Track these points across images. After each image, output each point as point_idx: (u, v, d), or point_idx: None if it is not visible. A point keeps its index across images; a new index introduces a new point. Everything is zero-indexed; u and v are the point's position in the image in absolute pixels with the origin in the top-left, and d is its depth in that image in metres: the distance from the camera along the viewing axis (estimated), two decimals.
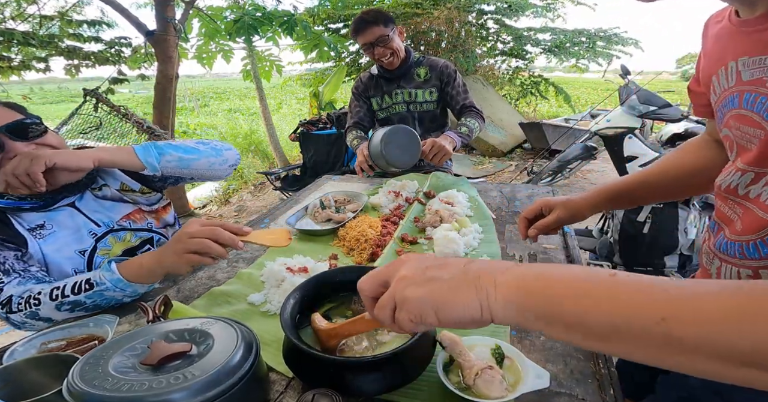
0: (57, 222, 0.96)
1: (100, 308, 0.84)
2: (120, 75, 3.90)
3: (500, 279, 0.39)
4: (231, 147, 1.22)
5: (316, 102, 5.67)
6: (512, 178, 4.48)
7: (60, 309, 0.81)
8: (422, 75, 1.97)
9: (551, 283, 0.38)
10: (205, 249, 0.77)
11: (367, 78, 2.06)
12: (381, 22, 1.80)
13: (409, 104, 1.99)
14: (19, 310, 0.81)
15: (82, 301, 0.81)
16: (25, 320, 0.83)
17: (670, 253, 1.71)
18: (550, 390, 0.59)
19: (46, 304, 0.81)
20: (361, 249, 1.05)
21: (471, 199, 1.33)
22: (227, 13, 4.17)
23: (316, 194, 1.52)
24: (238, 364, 0.52)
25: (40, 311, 0.81)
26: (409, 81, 1.97)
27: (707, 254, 0.67)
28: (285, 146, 6.21)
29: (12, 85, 6.00)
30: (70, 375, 0.50)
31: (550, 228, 0.89)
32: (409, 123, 2.00)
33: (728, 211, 0.62)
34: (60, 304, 0.81)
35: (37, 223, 0.93)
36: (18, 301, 0.82)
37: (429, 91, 1.97)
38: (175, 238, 0.79)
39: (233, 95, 18.84)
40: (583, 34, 7.20)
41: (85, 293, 0.81)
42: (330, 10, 6.38)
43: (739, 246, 0.58)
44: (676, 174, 0.82)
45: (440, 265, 0.43)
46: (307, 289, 0.71)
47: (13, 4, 3.91)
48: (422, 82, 1.97)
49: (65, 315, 0.83)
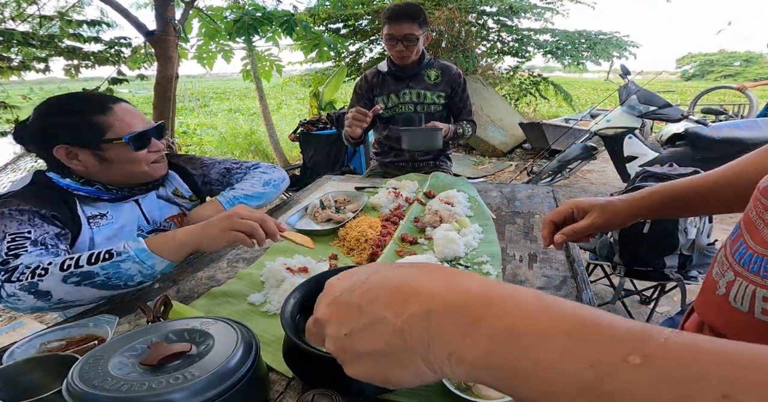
0: (119, 213, 1.06)
1: (107, 287, 0.82)
2: (119, 75, 3.89)
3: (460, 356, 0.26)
4: (285, 177, 1.42)
5: (316, 102, 5.66)
6: (512, 178, 4.48)
7: (67, 281, 0.79)
8: (432, 77, 1.98)
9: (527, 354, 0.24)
10: (252, 231, 0.84)
11: (374, 75, 2.03)
12: (417, 22, 1.79)
13: (417, 105, 2.00)
14: (18, 280, 0.78)
15: (94, 272, 0.80)
16: (15, 292, 0.78)
17: (670, 253, 1.70)
18: None
19: (53, 275, 0.78)
20: (361, 249, 1.05)
21: (471, 199, 1.33)
22: (227, 13, 4.17)
23: (316, 194, 1.52)
24: (238, 364, 0.52)
25: (42, 282, 0.78)
26: (419, 82, 1.97)
27: (721, 264, 0.56)
28: (285, 146, 6.21)
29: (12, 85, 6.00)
30: (69, 375, 0.50)
31: (582, 234, 0.74)
32: (414, 123, 2.02)
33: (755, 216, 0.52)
34: (69, 274, 0.79)
35: (101, 211, 1.03)
36: (22, 271, 0.79)
37: (438, 94, 1.99)
38: (224, 216, 0.85)
39: (233, 95, 18.84)
40: (583, 36, 7.20)
41: (102, 263, 0.80)
42: (330, 9, 6.38)
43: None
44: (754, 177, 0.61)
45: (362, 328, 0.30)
46: (307, 289, 0.71)
47: (13, 4, 3.91)
48: (432, 84, 1.98)
49: (68, 289, 0.79)
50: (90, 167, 0.99)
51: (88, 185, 1.01)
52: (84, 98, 1.02)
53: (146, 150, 1.03)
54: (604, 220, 0.74)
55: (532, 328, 0.25)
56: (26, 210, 0.89)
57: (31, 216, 0.89)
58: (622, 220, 0.74)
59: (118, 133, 0.98)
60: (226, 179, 1.35)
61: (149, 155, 1.04)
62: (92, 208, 1.02)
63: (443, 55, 6.35)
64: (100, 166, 0.99)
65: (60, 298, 0.80)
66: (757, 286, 0.48)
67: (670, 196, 0.72)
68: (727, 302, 0.52)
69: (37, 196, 0.93)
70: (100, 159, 0.99)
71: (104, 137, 0.97)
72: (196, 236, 0.85)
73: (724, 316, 0.54)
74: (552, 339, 0.24)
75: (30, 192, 0.94)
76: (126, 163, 1.01)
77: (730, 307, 0.52)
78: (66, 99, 1.02)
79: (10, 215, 0.87)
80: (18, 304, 0.79)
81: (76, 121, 0.96)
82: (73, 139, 0.96)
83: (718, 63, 25.68)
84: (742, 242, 0.53)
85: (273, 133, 6.01)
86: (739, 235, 0.54)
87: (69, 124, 0.96)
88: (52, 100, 1.00)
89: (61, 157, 0.97)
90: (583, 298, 0.82)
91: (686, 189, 0.71)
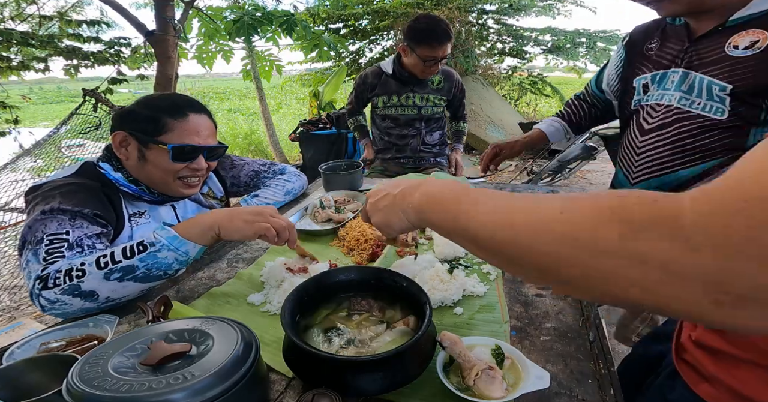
0: (155, 214, 1.10)
1: (149, 279, 0.82)
2: (119, 75, 3.89)
3: (410, 200, 0.54)
4: (304, 184, 1.52)
5: (315, 102, 5.66)
6: (512, 178, 4.48)
7: (109, 278, 0.78)
8: (435, 82, 2.05)
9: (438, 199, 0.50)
10: (280, 230, 0.87)
11: (374, 75, 2.08)
12: (451, 41, 1.82)
13: (420, 108, 2.06)
14: (56, 285, 0.77)
15: (134, 265, 0.79)
16: (58, 297, 0.77)
17: None
18: (550, 390, 0.59)
19: (92, 275, 0.77)
20: (361, 249, 1.05)
21: None
22: (227, 13, 4.16)
23: (316, 194, 1.52)
24: (238, 364, 0.52)
25: (84, 283, 0.77)
26: (423, 87, 2.03)
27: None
28: (285, 146, 6.21)
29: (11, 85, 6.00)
30: (69, 375, 0.50)
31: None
32: (416, 124, 2.10)
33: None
34: (110, 271, 0.78)
35: (140, 210, 1.07)
36: (56, 276, 0.77)
37: (440, 98, 2.06)
38: (256, 211, 0.88)
39: (233, 95, 18.82)
40: (584, 35, 7.20)
41: (139, 256, 0.80)
42: (330, 9, 6.37)
43: None
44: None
45: (384, 196, 0.60)
46: (307, 289, 0.71)
47: (12, 4, 3.90)
48: (434, 89, 2.05)
49: (113, 286, 0.79)
50: (130, 160, 1.02)
51: (134, 184, 1.04)
52: (173, 99, 1.06)
53: (185, 164, 1.03)
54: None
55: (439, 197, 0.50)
56: (68, 209, 0.88)
57: (72, 215, 0.89)
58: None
59: (168, 139, 1.00)
60: (253, 182, 1.40)
61: (183, 170, 1.04)
62: (133, 206, 1.06)
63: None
64: (138, 162, 1.02)
65: (107, 297, 0.80)
66: None
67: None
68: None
69: (80, 191, 0.93)
70: (141, 155, 1.01)
71: (156, 137, 0.99)
72: (222, 221, 0.85)
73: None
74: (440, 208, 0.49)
75: (75, 185, 0.94)
76: (159, 168, 1.02)
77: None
78: (163, 96, 1.10)
79: (51, 214, 0.87)
80: (66, 308, 0.79)
81: (150, 114, 1.00)
82: (134, 129, 0.99)
83: None
84: None
85: (273, 133, 6.01)
86: None
87: (143, 115, 1.00)
88: (156, 94, 1.09)
89: (115, 141, 1.00)
90: (582, 299, 0.83)
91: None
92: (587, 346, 0.69)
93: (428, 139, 2.17)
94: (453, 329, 0.73)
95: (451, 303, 0.82)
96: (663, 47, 1.11)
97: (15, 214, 2.92)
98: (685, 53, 1.04)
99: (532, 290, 0.87)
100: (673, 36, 1.09)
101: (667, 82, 1.07)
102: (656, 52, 1.13)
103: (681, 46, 1.05)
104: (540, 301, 0.83)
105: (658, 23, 1.14)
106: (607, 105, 1.41)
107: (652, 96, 1.12)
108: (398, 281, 0.71)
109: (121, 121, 1.01)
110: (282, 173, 1.45)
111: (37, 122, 12.94)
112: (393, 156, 2.19)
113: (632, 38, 1.22)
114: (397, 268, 0.89)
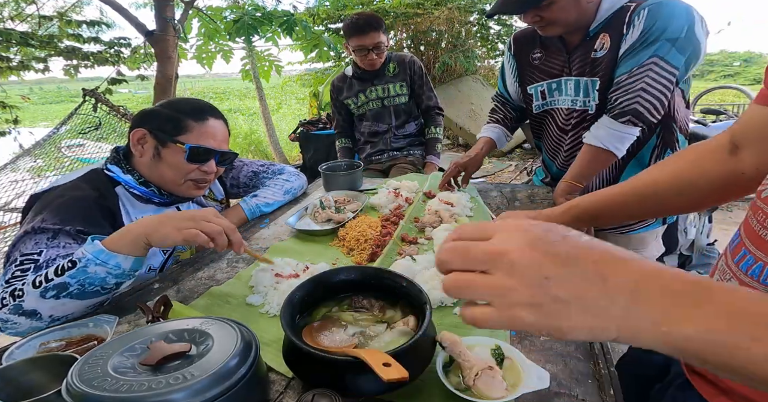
0: None
1: (87, 295, 0.79)
2: (119, 75, 3.90)
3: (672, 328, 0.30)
4: (304, 184, 1.51)
5: (315, 102, 5.66)
6: (512, 178, 4.49)
7: (45, 296, 0.77)
8: (392, 70, 2.10)
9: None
10: (215, 235, 0.81)
11: (340, 80, 2.19)
12: (381, 29, 1.93)
13: (383, 100, 2.12)
14: (4, 306, 0.78)
15: (66, 282, 0.77)
16: (8, 317, 0.77)
17: (670, 253, 1.70)
18: (550, 390, 0.59)
19: (30, 294, 0.77)
20: (361, 249, 1.05)
21: (472, 200, 1.33)
22: (227, 13, 4.17)
23: (316, 194, 1.52)
24: (238, 364, 0.52)
25: (24, 303, 0.77)
26: (381, 78, 2.09)
27: (722, 272, 0.55)
28: (285, 146, 6.21)
29: (11, 85, 6.00)
30: (69, 375, 0.50)
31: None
32: (385, 118, 2.16)
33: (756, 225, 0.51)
34: (44, 290, 0.77)
35: (144, 215, 1.05)
36: (3, 296, 0.78)
37: (399, 85, 2.11)
38: (188, 216, 0.82)
39: (233, 95, 18.83)
40: None
41: (69, 273, 0.77)
42: (330, 9, 6.37)
43: None
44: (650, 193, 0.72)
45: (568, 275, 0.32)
46: (307, 289, 0.71)
47: (12, 4, 3.91)
48: (392, 76, 2.10)
49: (51, 304, 0.77)
50: (144, 157, 1.05)
51: (144, 186, 1.06)
52: (195, 103, 1.10)
53: (198, 166, 1.06)
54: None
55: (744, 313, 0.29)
56: (49, 228, 0.88)
57: (54, 234, 0.88)
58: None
59: (186, 139, 1.04)
60: (253, 182, 1.41)
61: (195, 172, 1.07)
62: (138, 212, 1.06)
63: (443, 55, 6.35)
64: (151, 160, 1.05)
65: (50, 315, 0.79)
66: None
67: (584, 210, 0.80)
68: None
69: (72, 204, 0.93)
70: (155, 153, 1.04)
71: (175, 137, 1.03)
72: (147, 230, 0.80)
73: None
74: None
75: (69, 198, 0.94)
76: (171, 168, 1.05)
77: None
78: (187, 99, 1.13)
79: (33, 233, 0.88)
80: (16, 327, 0.79)
81: (173, 115, 1.04)
82: (155, 127, 1.03)
83: (718, 63, 25.68)
84: (745, 251, 0.51)
85: (273, 133, 6.01)
86: (740, 244, 0.53)
87: (166, 115, 1.04)
88: (180, 98, 1.13)
89: (134, 138, 1.03)
90: None
91: (599, 202, 0.79)
92: (587, 346, 0.69)
93: (400, 132, 2.20)
94: (453, 329, 0.73)
95: (451, 303, 0.82)
96: (548, 58, 1.33)
97: (15, 214, 2.92)
98: (568, 62, 1.27)
99: None
100: (552, 47, 1.31)
101: (567, 89, 1.29)
102: (543, 62, 1.34)
103: (563, 56, 1.28)
104: None
105: (534, 32, 1.31)
106: (520, 106, 1.53)
107: (556, 101, 1.34)
108: (398, 281, 0.71)
109: (143, 119, 1.05)
110: (281, 173, 1.46)
111: (37, 122, 12.94)
112: (368, 153, 2.24)
113: (517, 47, 1.41)
114: (397, 268, 0.89)
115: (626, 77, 1.12)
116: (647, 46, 1.09)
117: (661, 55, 1.08)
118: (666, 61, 1.08)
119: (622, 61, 1.14)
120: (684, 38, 1.06)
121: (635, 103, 1.11)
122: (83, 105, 3.12)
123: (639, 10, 1.11)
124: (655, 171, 0.74)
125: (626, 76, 1.12)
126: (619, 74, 1.14)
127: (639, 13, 1.11)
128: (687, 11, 1.07)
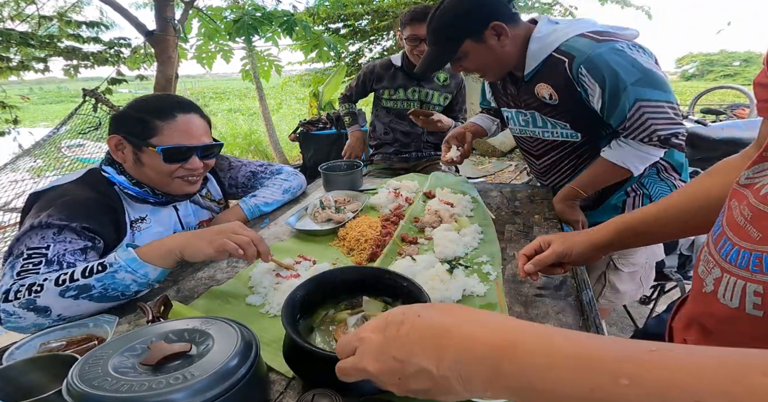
0: (157, 218, 1.10)
1: (105, 299, 0.81)
2: (119, 75, 3.90)
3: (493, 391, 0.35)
4: (302, 183, 1.51)
5: (315, 102, 5.66)
6: (512, 178, 4.49)
7: (64, 295, 0.78)
8: (441, 79, 2.10)
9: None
10: (245, 246, 0.85)
11: (383, 67, 2.13)
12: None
13: (422, 103, 2.11)
14: (16, 299, 0.78)
15: (91, 285, 0.79)
16: (15, 310, 0.77)
17: (669, 253, 1.70)
18: None
19: (49, 291, 0.77)
20: (361, 249, 1.05)
21: (472, 200, 1.33)
22: (227, 13, 4.16)
23: (316, 194, 1.52)
24: (238, 364, 0.52)
25: (39, 299, 0.77)
26: (429, 82, 2.08)
27: (706, 262, 0.57)
28: (285, 146, 6.21)
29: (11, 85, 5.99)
30: (69, 375, 0.50)
31: (546, 262, 0.81)
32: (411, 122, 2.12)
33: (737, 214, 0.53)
34: (65, 289, 0.78)
35: (142, 215, 1.07)
36: (18, 290, 0.78)
37: (444, 97, 2.11)
38: (217, 230, 0.86)
39: (233, 95, 18.82)
40: None
41: (97, 276, 0.79)
42: (330, 9, 6.37)
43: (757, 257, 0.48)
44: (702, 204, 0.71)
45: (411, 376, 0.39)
46: (308, 288, 0.71)
47: (12, 4, 3.90)
48: (440, 86, 2.09)
49: (67, 303, 0.78)
50: (128, 162, 1.03)
51: (138, 186, 1.05)
52: (161, 101, 1.06)
53: (179, 165, 1.03)
54: (564, 248, 0.81)
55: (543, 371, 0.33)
56: (55, 223, 0.88)
57: (59, 229, 0.89)
58: (583, 249, 0.81)
59: (158, 141, 1.00)
60: (251, 183, 1.41)
61: (179, 170, 1.04)
62: (135, 212, 1.06)
63: None
64: (134, 165, 1.03)
65: (59, 314, 0.79)
66: (746, 281, 0.49)
67: (623, 228, 0.79)
68: (715, 299, 0.52)
69: (75, 202, 0.94)
70: (136, 159, 1.02)
71: (147, 140, 1.00)
72: (182, 244, 0.84)
73: (713, 313, 0.54)
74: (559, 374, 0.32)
75: (71, 197, 0.95)
76: (154, 170, 1.03)
77: (719, 303, 0.52)
78: (151, 98, 1.09)
79: (40, 228, 0.88)
80: (20, 322, 0.79)
81: (138, 117, 1.01)
82: (126, 132, 1.01)
83: (718, 63, 25.67)
84: (726, 239, 0.53)
85: (273, 133, 6.01)
86: (721, 233, 0.55)
87: (133, 118, 1.01)
88: (146, 95, 1.09)
89: (111, 145, 1.02)
90: (582, 299, 0.82)
91: (637, 221, 0.78)
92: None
93: (429, 138, 2.21)
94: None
95: (451, 303, 0.82)
96: (506, 88, 1.36)
97: (15, 214, 2.92)
98: (518, 97, 1.30)
99: (532, 290, 0.87)
100: (508, 79, 1.33)
101: (528, 120, 1.32)
102: (503, 90, 1.38)
103: (515, 90, 1.31)
104: (540, 301, 0.83)
105: None
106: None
107: (523, 130, 1.37)
108: (398, 281, 0.71)
109: (116, 124, 1.02)
110: (279, 173, 1.46)
111: (37, 122, 12.94)
112: (396, 150, 2.23)
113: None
114: (397, 268, 0.89)
115: (628, 124, 1.08)
116: (622, 99, 1.05)
117: (642, 98, 1.04)
118: (649, 100, 1.04)
119: (608, 117, 1.11)
120: (643, 76, 1.03)
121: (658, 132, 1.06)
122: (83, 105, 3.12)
123: (575, 68, 1.08)
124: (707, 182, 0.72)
125: (627, 123, 1.08)
126: (616, 126, 1.12)
127: (579, 70, 1.08)
128: (614, 51, 1.04)
